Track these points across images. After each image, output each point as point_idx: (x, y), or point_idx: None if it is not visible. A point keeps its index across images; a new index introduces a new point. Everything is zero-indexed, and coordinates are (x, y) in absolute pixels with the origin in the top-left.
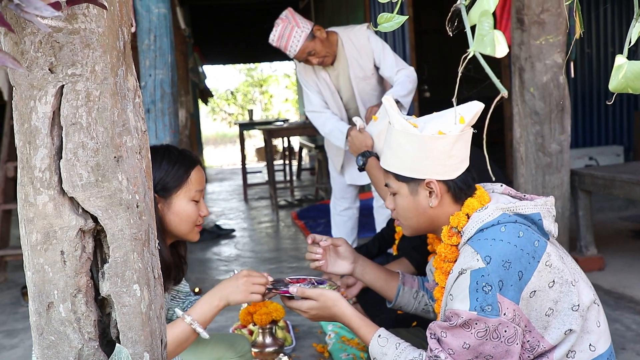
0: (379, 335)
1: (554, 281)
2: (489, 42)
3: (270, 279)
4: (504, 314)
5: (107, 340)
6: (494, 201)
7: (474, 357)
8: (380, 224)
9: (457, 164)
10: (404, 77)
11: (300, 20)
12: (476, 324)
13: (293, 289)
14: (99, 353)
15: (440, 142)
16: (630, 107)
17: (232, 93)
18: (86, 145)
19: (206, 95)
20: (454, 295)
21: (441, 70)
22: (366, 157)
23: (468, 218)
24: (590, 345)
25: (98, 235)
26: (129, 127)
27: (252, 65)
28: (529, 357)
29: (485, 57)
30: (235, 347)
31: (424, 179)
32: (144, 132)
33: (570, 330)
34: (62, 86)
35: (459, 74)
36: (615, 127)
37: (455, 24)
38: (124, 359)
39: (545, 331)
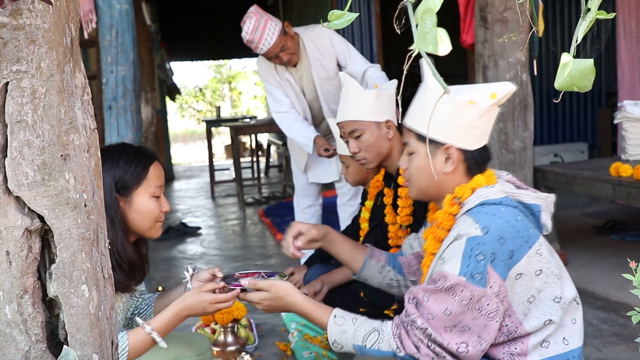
0: (335, 316)
1: (541, 270)
2: (431, 40)
3: (220, 274)
4: (490, 287)
5: (56, 342)
6: (500, 184)
7: (452, 325)
8: (344, 220)
9: (479, 136)
10: (380, 73)
11: (270, 16)
12: (462, 290)
13: (245, 282)
14: (46, 355)
15: (470, 111)
16: (594, 104)
17: (200, 90)
18: (32, 144)
19: (174, 92)
20: (446, 259)
21: (410, 66)
22: None
23: (472, 192)
24: (564, 338)
25: (45, 235)
26: (77, 124)
27: (220, 61)
28: (503, 340)
29: (454, 55)
30: (195, 345)
31: (445, 143)
32: (93, 130)
33: (550, 320)
34: (7, 83)
35: (404, 72)
36: (579, 124)
37: (403, 21)
38: None
39: (525, 318)
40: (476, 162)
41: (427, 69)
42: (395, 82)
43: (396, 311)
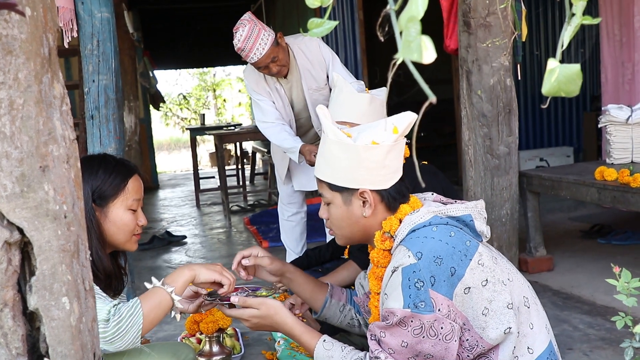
0: (324, 340)
1: (487, 280)
2: (415, 48)
3: (204, 291)
4: (439, 310)
5: (37, 355)
6: (426, 205)
7: (413, 355)
8: None
9: (390, 173)
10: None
11: (264, 25)
12: (411, 321)
13: (234, 298)
14: None
15: (374, 152)
16: (579, 108)
17: (184, 97)
18: (10, 155)
19: (158, 100)
20: (389, 294)
21: (394, 74)
22: None
23: (400, 222)
24: (528, 348)
25: (25, 247)
26: (56, 135)
27: (204, 69)
28: (468, 356)
29: (438, 60)
30: (179, 355)
31: (358, 189)
32: (72, 140)
33: (510, 328)
34: None
35: (389, 80)
36: (565, 128)
37: (387, 28)
38: None
39: (483, 332)
40: (394, 198)
41: (324, 119)
42: (385, 89)
43: None
